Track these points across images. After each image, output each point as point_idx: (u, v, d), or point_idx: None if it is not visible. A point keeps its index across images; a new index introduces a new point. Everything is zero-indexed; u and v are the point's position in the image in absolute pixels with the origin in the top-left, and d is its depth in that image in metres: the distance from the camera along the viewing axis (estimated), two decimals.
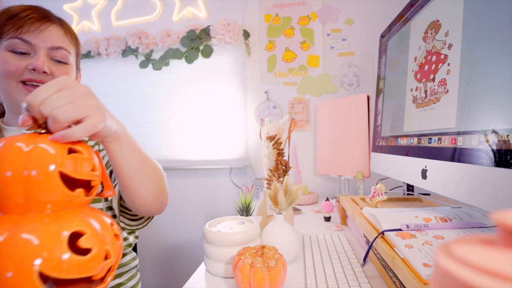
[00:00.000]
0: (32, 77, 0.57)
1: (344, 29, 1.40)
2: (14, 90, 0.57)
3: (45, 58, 0.58)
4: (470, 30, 0.52)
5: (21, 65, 0.56)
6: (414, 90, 0.72)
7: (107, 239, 0.33)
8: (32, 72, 0.57)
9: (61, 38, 0.60)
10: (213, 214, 1.56)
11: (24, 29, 0.56)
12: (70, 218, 0.31)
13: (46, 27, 0.58)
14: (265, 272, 0.47)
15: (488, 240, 0.14)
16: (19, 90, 0.57)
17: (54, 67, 0.59)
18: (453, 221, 0.53)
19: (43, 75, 0.58)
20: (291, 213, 0.80)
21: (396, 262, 0.43)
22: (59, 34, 0.60)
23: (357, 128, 1.14)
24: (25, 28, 0.56)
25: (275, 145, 0.79)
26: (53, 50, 0.59)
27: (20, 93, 0.57)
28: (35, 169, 0.30)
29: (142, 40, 1.55)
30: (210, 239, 0.59)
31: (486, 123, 0.45)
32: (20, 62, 0.56)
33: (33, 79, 0.57)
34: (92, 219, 0.33)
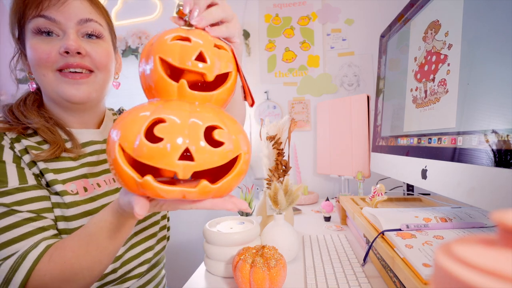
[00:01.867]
0: (68, 62, 0.50)
1: (344, 29, 1.40)
2: (53, 81, 0.51)
3: (76, 36, 0.51)
4: (470, 30, 0.52)
5: (52, 50, 0.50)
6: (414, 90, 0.72)
7: (239, 140, 0.35)
8: (66, 56, 0.50)
9: (88, 9, 0.53)
10: (213, 214, 1.56)
11: (45, 5, 0.49)
12: (209, 113, 0.34)
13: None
14: (265, 272, 0.47)
15: (488, 240, 0.14)
16: (59, 80, 0.51)
17: (88, 46, 0.53)
18: (453, 221, 0.53)
19: (79, 57, 0.51)
20: (291, 213, 0.80)
21: (396, 262, 0.43)
22: (85, 5, 0.53)
23: (357, 128, 1.14)
24: (45, 3, 0.49)
25: (275, 145, 0.79)
26: (82, 25, 0.52)
27: (60, 83, 0.51)
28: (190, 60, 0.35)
29: (142, 40, 1.55)
30: (210, 239, 0.59)
31: (486, 123, 0.45)
32: (50, 46, 0.50)
33: (69, 64, 0.51)
34: (227, 119, 0.36)
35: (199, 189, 0.32)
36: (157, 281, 0.68)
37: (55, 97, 0.53)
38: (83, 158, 0.56)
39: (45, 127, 0.52)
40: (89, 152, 0.58)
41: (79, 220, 0.51)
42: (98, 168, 0.58)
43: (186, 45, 0.35)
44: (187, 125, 0.32)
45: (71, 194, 0.52)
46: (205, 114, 0.34)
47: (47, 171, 0.50)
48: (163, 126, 0.31)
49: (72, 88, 0.51)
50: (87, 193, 0.54)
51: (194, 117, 0.33)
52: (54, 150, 0.51)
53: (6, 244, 0.43)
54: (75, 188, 0.53)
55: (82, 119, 0.58)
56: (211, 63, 0.35)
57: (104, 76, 0.55)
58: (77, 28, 0.52)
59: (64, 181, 0.52)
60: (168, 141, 0.30)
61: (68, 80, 0.51)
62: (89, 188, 0.55)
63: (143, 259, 0.61)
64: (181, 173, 0.31)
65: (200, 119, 0.33)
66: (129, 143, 0.32)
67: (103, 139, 0.62)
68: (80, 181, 0.54)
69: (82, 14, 0.52)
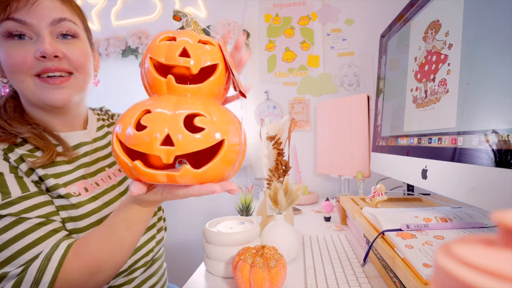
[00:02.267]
0: (45, 66, 0.49)
1: (344, 29, 1.40)
2: (32, 87, 0.49)
3: (51, 38, 0.49)
4: (470, 30, 0.52)
5: (27, 54, 0.48)
6: (414, 90, 0.72)
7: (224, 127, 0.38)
8: (43, 60, 0.48)
9: (59, 8, 0.51)
10: (213, 214, 1.56)
11: (13, 7, 0.47)
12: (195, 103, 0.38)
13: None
14: (265, 272, 0.47)
15: (488, 240, 0.14)
16: (38, 85, 0.50)
17: (64, 47, 0.51)
18: (453, 221, 0.53)
19: (56, 61, 0.50)
20: (291, 213, 0.80)
21: (396, 262, 0.43)
22: (56, 4, 0.50)
23: (357, 128, 1.14)
24: (14, 5, 0.47)
25: (275, 145, 0.79)
26: (55, 25, 0.50)
27: (41, 89, 0.50)
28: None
29: (142, 40, 1.55)
30: (210, 239, 0.59)
31: (486, 123, 0.45)
32: (24, 50, 0.48)
33: (48, 69, 0.49)
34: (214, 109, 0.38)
35: (181, 172, 0.35)
36: (160, 273, 0.69)
37: (36, 102, 0.52)
38: (77, 160, 0.57)
39: (34, 134, 0.52)
40: (82, 154, 0.58)
41: (87, 219, 0.53)
42: (93, 168, 0.59)
43: (172, 43, 0.39)
44: (170, 115, 0.35)
45: (74, 195, 0.53)
46: (190, 104, 0.37)
47: (47, 176, 0.51)
48: (148, 116, 0.35)
49: (54, 93, 0.50)
50: (88, 193, 0.55)
51: (178, 107, 0.36)
52: (49, 155, 0.51)
53: (25, 249, 0.44)
54: (76, 189, 0.54)
55: (67, 120, 0.58)
56: (194, 57, 0.39)
57: (84, 76, 0.54)
58: (50, 29, 0.49)
59: (65, 184, 0.53)
60: (150, 128, 0.34)
61: (48, 85, 0.50)
62: (89, 188, 0.56)
63: (147, 249, 0.62)
64: (164, 157, 0.35)
65: (182, 108, 0.36)
66: (123, 133, 0.37)
67: (92, 139, 0.62)
68: (80, 182, 0.55)
69: (54, 14, 0.50)
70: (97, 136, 0.64)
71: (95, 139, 0.63)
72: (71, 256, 0.46)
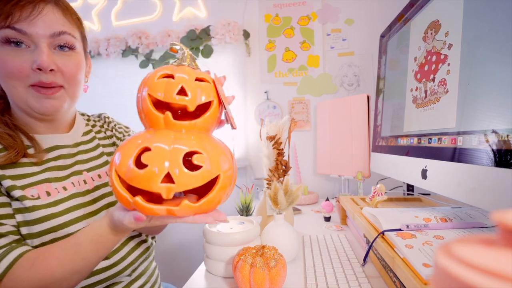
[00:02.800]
0: (41, 79, 0.50)
1: (344, 29, 1.40)
2: (23, 94, 0.50)
3: (48, 50, 0.50)
4: (470, 30, 0.52)
5: (23, 64, 0.49)
6: (414, 90, 0.72)
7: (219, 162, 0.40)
8: (39, 72, 0.49)
9: (61, 21, 0.51)
10: None
11: (15, 16, 0.47)
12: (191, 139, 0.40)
13: (40, 9, 0.49)
14: (265, 272, 0.47)
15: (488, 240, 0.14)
16: (30, 94, 0.51)
17: (60, 59, 0.51)
18: (453, 221, 0.53)
19: (51, 74, 0.50)
20: (291, 213, 0.80)
21: (396, 262, 0.43)
22: (57, 17, 0.51)
23: (357, 128, 1.14)
24: (16, 14, 0.47)
25: (275, 145, 0.79)
26: (54, 38, 0.50)
27: (32, 97, 0.51)
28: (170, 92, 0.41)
29: (142, 40, 1.55)
30: (210, 239, 0.59)
31: (486, 123, 0.45)
32: (21, 59, 0.48)
33: (41, 82, 0.50)
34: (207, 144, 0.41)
35: (181, 207, 0.38)
36: (149, 273, 0.67)
37: (25, 108, 0.52)
38: (46, 163, 0.56)
39: (5, 133, 0.51)
40: (53, 157, 0.57)
41: (42, 224, 0.51)
42: (66, 171, 0.57)
43: (170, 81, 0.41)
44: (169, 152, 0.37)
45: (31, 199, 0.51)
46: (186, 141, 0.39)
47: (3, 177, 0.50)
48: (148, 154, 0.37)
49: (44, 102, 0.52)
50: (49, 198, 0.53)
51: (176, 144, 0.38)
52: (9, 155, 0.50)
53: None
54: (36, 193, 0.52)
55: (51, 125, 0.58)
56: (191, 96, 0.41)
57: (74, 87, 0.56)
58: (49, 41, 0.50)
59: (24, 186, 0.51)
60: (151, 167, 0.36)
61: (40, 95, 0.51)
62: (52, 192, 0.54)
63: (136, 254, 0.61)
64: (164, 194, 0.37)
65: (180, 146, 0.38)
66: (122, 169, 0.38)
67: (73, 143, 0.61)
68: (42, 185, 0.53)
69: (54, 27, 0.50)
70: (82, 140, 0.63)
71: (78, 143, 0.62)
72: (27, 266, 0.44)
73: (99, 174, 0.62)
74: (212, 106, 0.43)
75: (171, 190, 0.37)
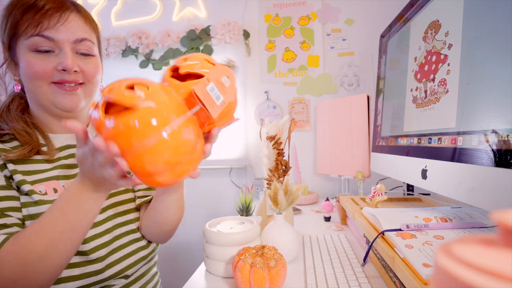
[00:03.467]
0: (64, 78, 0.54)
1: (344, 29, 1.40)
2: (48, 92, 0.54)
3: (72, 55, 0.55)
4: (470, 30, 0.52)
5: (48, 66, 0.53)
6: (414, 90, 0.72)
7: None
8: (63, 72, 0.54)
9: (83, 28, 0.56)
10: (213, 214, 1.56)
11: (44, 25, 0.51)
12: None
13: (66, 17, 0.54)
14: (265, 272, 0.47)
15: (488, 240, 0.14)
16: (54, 91, 0.54)
17: (81, 62, 0.56)
18: (453, 221, 0.53)
19: (74, 74, 0.55)
20: (291, 213, 0.80)
21: (396, 262, 0.43)
22: (80, 24, 0.56)
23: (357, 128, 1.14)
24: (45, 23, 0.51)
25: (275, 145, 0.79)
26: (77, 43, 0.55)
27: (55, 94, 0.55)
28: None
29: (142, 40, 1.55)
30: (210, 239, 0.59)
31: (486, 123, 0.45)
32: (47, 62, 0.53)
33: (64, 80, 0.54)
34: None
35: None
36: (146, 278, 0.66)
37: (47, 105, 0.56)
38: (57, 161, 0.58)
39: (23, 130, 0.55)
40: (64, 156, 0.59)
41: None
42: (74, 170, 0.59)
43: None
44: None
45: (39, 194, 0.52)
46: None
47: (15, 172, 0.52)
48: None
49: (66, 99, 0.55)
50: (56, 194, 0.54)
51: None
52: (24, 151, 0.53)
53: None
54: (43, 189, 0.54)
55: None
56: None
57: (93, 86, 0.60)
58: (72, 46, 0.55)
59: (34, 182, 0.53)
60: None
61: (62, 91, 0.55)
62: (60, 189, 0.55)
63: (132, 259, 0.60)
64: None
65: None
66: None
67: None
68: (51, 182, 0.55)
69: (78, 33, 0.55)
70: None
71: None
72: (11, 241, 0.44)
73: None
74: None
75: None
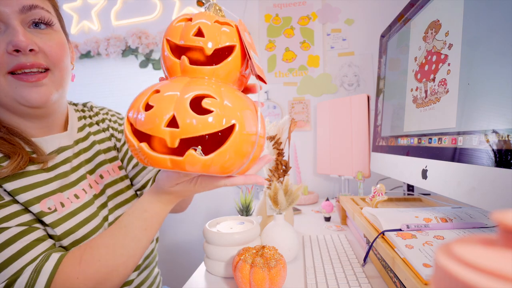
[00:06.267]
0: (20, 62, 0.42)
1: (344, 29, 1.40)
2: (5, 86, 0.43)
3: (23, 28, 0.42)
4: (471, 30, 0.51)
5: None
6: (414, 90, 0.72)
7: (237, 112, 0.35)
8: (16, 55, 0.42)
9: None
10: (213, 214, 1.56)
11: None
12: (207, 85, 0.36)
13: None
14: (265, 272, 0.47)
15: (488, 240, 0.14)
16: (12, 84, 0.43)
17: (39, 40, 0.44)
18: (453, 221, 0.53)
19: (32, 55, 0.43)
20: (291, 213, 0.80)
21: (396, 262, 0.43)
22: None
23: (357, 128, 1.14)
24: None
25: (275, 145, 0.79)
26: (25, 13, 0.43)
27: (15, 88, 0.43)
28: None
29: (142, 40, 1.55)
30: (210, 239, 0.59)
31: (487, 123, 0.45)
32: None
33: (23, 65, 0.42)
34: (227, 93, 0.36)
35: (186, 157, 0.33)
36: (149, 282, 0.66)
37: (9, 103, 0.44)
38: (56, 168, 0.49)
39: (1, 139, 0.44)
40: (61, 161, 0.50)
41: (62, 241, 0.46)
42: (73, 177, 0.52)
43: (187, 24, 0.38)
44: (178, 94, 0.33)
45: (48, 213, 0.45)
46: (201, 85, 0.35)
47: (17, 192, 0.43)
48: (155, 96, 0.34)
49: (31, 92, 0.44)
50: (64, 209, 0.47)
51: (188, 88, 0.34)
52: (18, 161, 0.43)
53: (8, 262, 0.39)
54: (52, 204, 0.46)
55: (43, 124, 0.50)
56: (208, 37, 0.37)
57: (61, 72, 0.48)
58: (21, 18, 0.43)
59: (40, 197, 0.45)
60: (156, 108, 0.33)
61: (24, 83, 0.43)
62: (66, 202, 0.48)
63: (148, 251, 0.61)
64: (168, 140, 0.33)
65: (191, 89, 0.34)
66: (133, 115, 0.35)
67: (73, 141, 0.55)
68: (57, 196, 0.47)
69: (23, 0, 0.43)
70: (79, 137, 0.57)
71: (77, 141, 0.56)
72: (75, 263, 0.41)
73: (101, 175, 0.58)
74: (234, 51, 0.39)
75: (175, 136, 0.32)
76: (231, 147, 0.34)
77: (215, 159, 0.34)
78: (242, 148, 0.35)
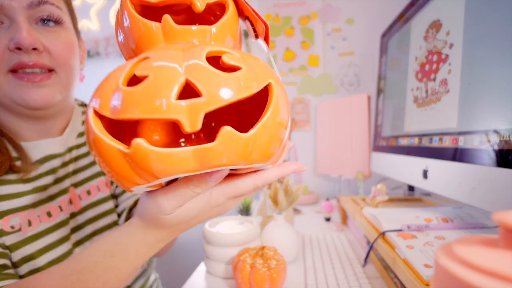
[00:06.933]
0: (21, 61, 0.39)
1: (345, 29, 1.40)
2: (5, 85, 0.40)
3: (28, 25, 0.39)
4: (472, 29, 0.51)
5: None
6: (415, 90, 0.71)
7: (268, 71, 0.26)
8: (18, 52, 0.39)
9: None
10: None
11: None
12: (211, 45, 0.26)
13: None
14: (265, 272, 0.47)
15: (489, 241, 0.14)
16: (12, 83, 0.40)
17: (45, 38, 0.41)
18: (454, 222, 0.52)
19: (35, 54, 0.40)
20: (291, 213, 0.80)
21: (397, 263, 0.43)
22: None
23: (357, 128, 1.14)
24: None
25: None
26: (33, 9, 0.40)
27: (15, 87, 0.40)
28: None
29: None
30: (210, 240, 0.59)
31: (488, 123, 0.45)
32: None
33: (24, 64, 0.39)
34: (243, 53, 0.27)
35: (220, 138, 0.21)
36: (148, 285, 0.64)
37: (7, 103, 0.41)
38: (36, 179, 0.44)
39: None
40: (46, 171, 0.45)
41: (24, 266, 0.39)
42: (53, 190, 0.45)
43: None
44: (182, 54, 0.23)
45: (10, 232, 0.39)
46: (207, 45, 0.26)
47: None
48: (145, 62, 0.23)
49: (31, 93, 0.40)
50: (30, 229, 0.41)
51: (193, 49, 0.24)
52: None
53: None
54: (18, 222, 0.39)
55: (42, 127, 0.46)
56: None
57: (67, 73, 0.44)
58: (28, 14, 0.39)
59: (4, 213, 0.39)
60: (156, 76, 0.21)
61: (24, 83, 0.40)
62: (34, 221, 0.41)
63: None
64: (187, 121, 0.20)
65: (199, 49, 0.24)
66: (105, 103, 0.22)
67: (66, 148, 0.49)
68: (27, 212, 0.41)
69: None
70: (74, 144, 0.51)
71: (71, 148, 0.50)
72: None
73: (89, 190, 0.50)
74: (229, 8, 0.30)
75: (198, 109, 0.20)
76: (271, 119, 0.24)
77: (258, 136, 0.23)
78: (279, 124, 0.25)
